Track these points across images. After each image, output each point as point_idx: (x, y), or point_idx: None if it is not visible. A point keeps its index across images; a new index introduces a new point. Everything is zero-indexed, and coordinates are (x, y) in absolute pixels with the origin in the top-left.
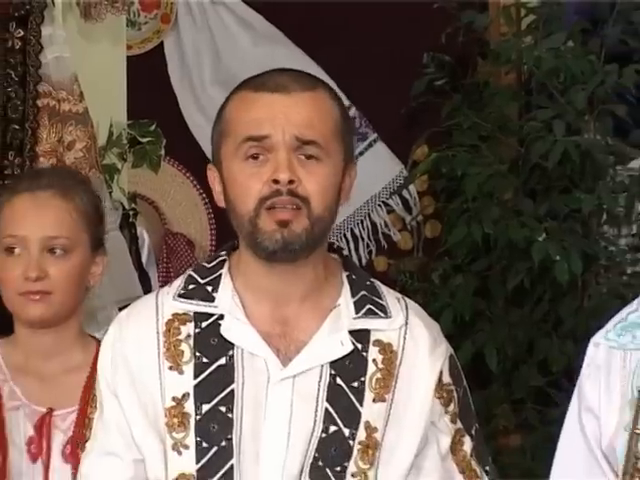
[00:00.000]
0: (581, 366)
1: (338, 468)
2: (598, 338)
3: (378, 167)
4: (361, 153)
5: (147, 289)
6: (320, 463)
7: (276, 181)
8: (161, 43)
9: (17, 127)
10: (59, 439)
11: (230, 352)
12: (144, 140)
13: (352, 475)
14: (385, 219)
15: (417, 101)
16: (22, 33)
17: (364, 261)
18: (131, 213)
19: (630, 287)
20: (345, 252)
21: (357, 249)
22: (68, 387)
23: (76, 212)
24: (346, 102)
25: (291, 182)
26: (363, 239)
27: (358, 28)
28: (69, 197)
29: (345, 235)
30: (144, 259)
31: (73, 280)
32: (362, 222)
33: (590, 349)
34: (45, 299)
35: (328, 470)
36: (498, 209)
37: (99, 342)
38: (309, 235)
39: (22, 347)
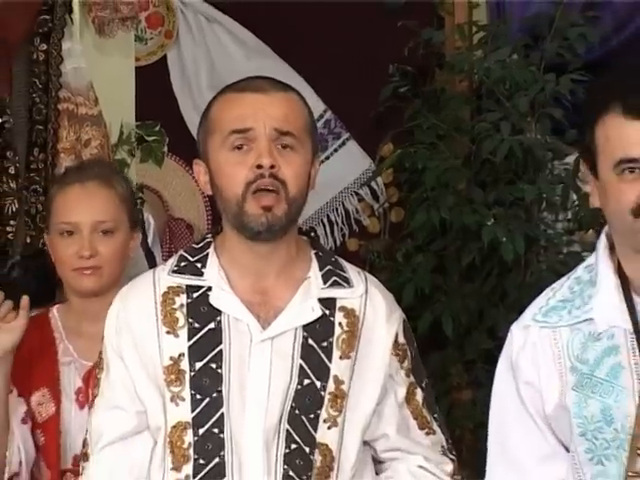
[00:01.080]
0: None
1: (312, 415)
2: (527, 321)
3: (350, 162)
4: (335, 150)
5: (152, 266)
6: (297, 411)
7: (260, 166)
8: (164, 56)
9: (41, 127)
10: None
11: (218, 318)
12: (150, 139)
13: (324, 421)
14: (356, 206)
15: (384, 105)
16: (45, 47)
17: (338, 243)
18: (139, 201)
19: (565, 264)
20: (321, 235)
21: (332, 232)
22: None
23: (118, 198)
24: (323, 106)
25: (272, 167)
26: (337, 224)
27: (333, 44)
28: (112, 186)
29: (322, 220)
30: (150, 240)
31: (119, 255)
32: (337, 209)
33: (519, 333)
34: (96, 273)
35: (304, 417)
36: (453, 198)
37: None
38: (288, 217)
39: (75, 312)
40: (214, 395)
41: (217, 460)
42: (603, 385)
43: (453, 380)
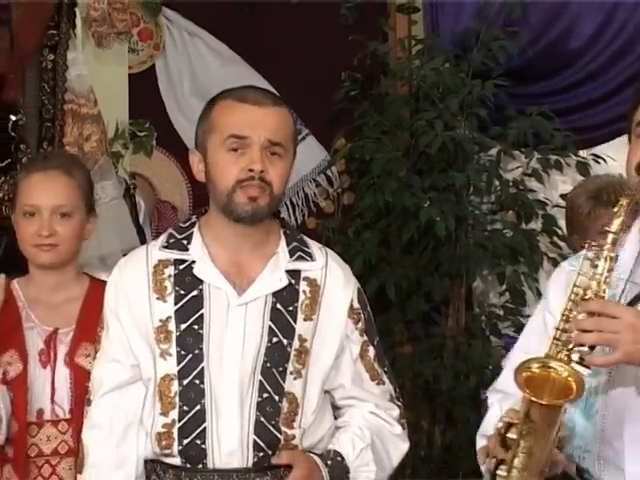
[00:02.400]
0: (448, 298)
1: (281, 368)
2: (564, 264)
3: (309, 154)
4: (297, 144)
5: (143, 241)
6: (268, 365)
7: (251, 170)
8: (153, 65)
9: (49, 125)
10: (62, 350)
11: (200, 287)
12: (141, 134)
13: (290, 373)
14: (314, 191)
15: (337, 106)
16: (53, 57)
17: (299, 221)
18: (131, 187)
19: (490, 240)
20: (285, 215)
21: (294, 213)
22: (68, 312)
23: (76, 186)
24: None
25: (262, 172)
26: (298, 205)
27: (295, 54)
28: (71, 175)
29: (285, 203)
30: (141, 220)
31: (74, 235)
32: (298, 193)
33: (558, 269)
34: (53, 249)
35: (274, 370)
36: (395, 183)
37: (92, 278)
38: (269, 208)
39: (35, 283)
40: (196, 352)
41: (198, 407)
42: None
43: (396, 337)
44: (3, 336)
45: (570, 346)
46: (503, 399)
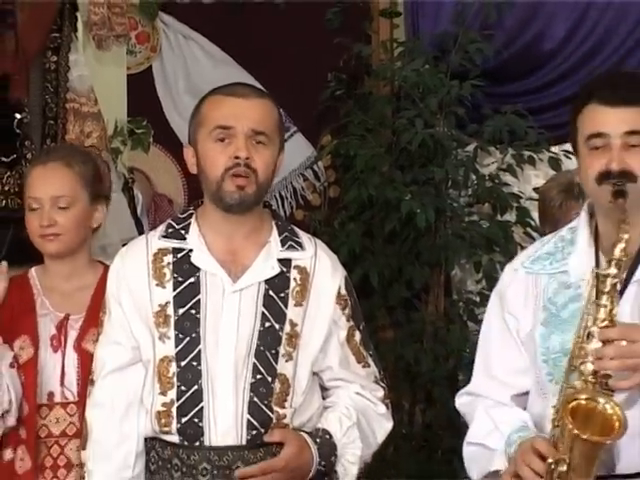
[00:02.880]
0: (428, 285)
1: (273, 351)
2: (516, 265)
3: (297, 150)
4: (285, 140)
5: (140, 232)
6: (261, 348)
7: (237, 157)
8: (150, 66)
9: (52, 122)
10: (72, 336)
11: (197, 274)
12: (139, 131)
13: (282, 355)
14: (302, 185)
15: (323, 105)
16: (55, 58)
17: (288, 213)
18: (130, 180)
19: (467, 230)
20: (275, 207)
21: (283, 205)
22: (80, 300)
23: (76, 177)
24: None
25: (247, 158)
26: (287, 198)
27: (284, 56)
28: (70, 166)
29: (275, 196)
30: (139, 211)
31: (76, 224)
32: (287, 187)
33: (510, 273)
34: (57, 239)
35: (266, 352)
36: (378, 178)
37: (106, 266)
38: (256, 196)
39: (49, 272)
40: (193, 335)
41: (196, 388)
42: (565, 324)
43: (378, 322)
44: (16, 322)
45: (591, 377)
46: (487, 405)
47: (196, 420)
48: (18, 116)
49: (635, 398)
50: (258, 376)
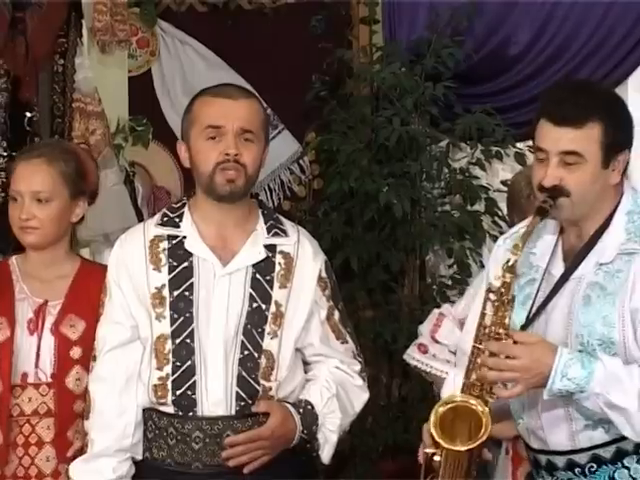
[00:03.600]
0: (404, 269)
1: (259, 329)
2: (500, 242)
3: (284, 145)
4: (274, 137)
5: (141, 221)
6: (249, 326)
7: (227, 154)
8: (150, 69)
9: (60, 120)
10: (50, 320)
11: (190, 259)
12: (139, 129)
13: (267, 333)
14: (289, 178)
15: (309, 104)
16: (63, 62)
17: (276, 204)
18: (131, 174)
19: (440, 219)
20: (264, 198)
21: (272, 196)
22: (59, 287)
23: (56, 173)
24: (264, 105)
25: (236, 155)
26: (275, 190)
27: (272, 59)
28: (51, 163)
29: (264, 188)
30: (139, 202)
31: (54, 219)
32: (275, 179)
33: (495, 247)
34: (35, 232)
35: (254, 330)
36: (358, 171)
37: (83, 260)
38: (245, 187)
39: (29, 260)
40: (187, 315)
41: (189, 363)
42: (517, 305)
43: (359, 303)
44: None
45: (479, 382)
46: (461, 365)
47: (189, 392)
48: (28, 114)
49: None
50: (246, 352)
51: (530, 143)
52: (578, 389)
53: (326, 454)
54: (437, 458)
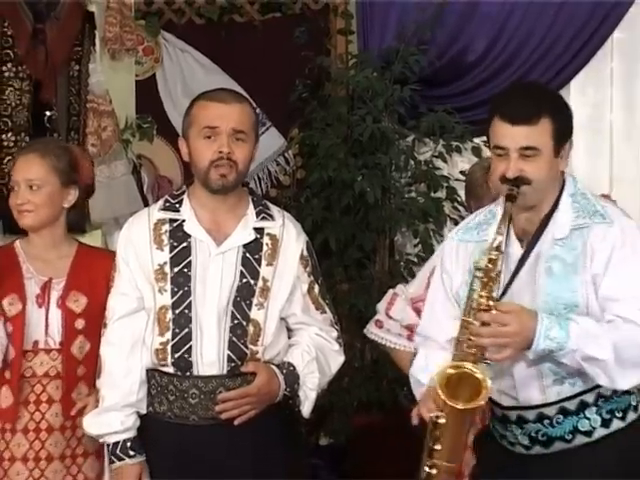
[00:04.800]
0: (376, 248)
1: (248, 301)
2: (452, 235)
3: (271, 140)
4: (262, 133)
5: (147, 206)
6: (238, 298)
7: (221, 152)
8: (154, 73)
9: (75, 119)
10: (55, 295)
11: (189, 240)
12: (145, 126)
13: (255, 305)
14: (275, 168)
15: (292, 105)
16: (78, 67)
17: (264, 191)
18: (138, 165)
19: (407, 205)
20: (253, 186)
21: (260, 185)
22: (60, 266)
23: (47, 164)
24: (253, 105)
25: (229, 153)
26: (263, 179)
27: (261, 65)
28: (44, 156)
29: (254, 177)
30: (145, 189)
31: (45, 204)
32: (263, 170)
33: (448, 240)
34: (30, 214)
35: (243, 302)
36: (336, 163)
37: (80, 243)
38: (236, 181)
39: (32, 243)
40: (185, 289)
41: (187, 330)
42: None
43: (336, 278)
44: (4, 283)
45: (473, 350)
46: (428, 346)
47: (187, 355)
48: (48, 113)
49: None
50: (236, 321)
51: (485, 138)
52: (558, 347)
53: (306, 409)
54: (442, 421)
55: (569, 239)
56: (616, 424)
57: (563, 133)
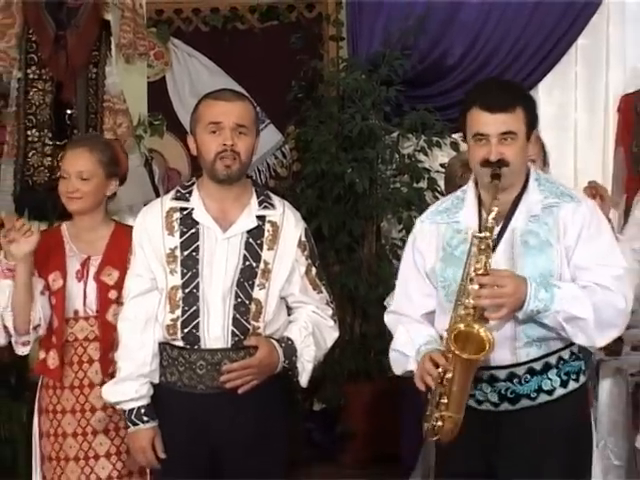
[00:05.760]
0: (364, 233)
1: (250, 282)
2: (423, 218)
3: (269, 136)
4: (262, 129)
5: (157, 196)
6: (241, 280)
7: (225, 144)
8: (164, 76)
9: (93, 116)
10: (92, 271)
11: (197, 226)
12: (155, 123)
13: (257, 285)
14: (274, 162)
15: (289, 104)
16: (95, 70)
17: (263, 182)
18: (149, 158)
19: (392, 194)
20: (254, 177)
21: (260, 176)
22: (98, 246)
23: (94, 158)
24: (254, 103)
25: (233, 145)
26: (263, 171)
27: (260, 68)
28: (91, 150)
29: (254, 169)
30: (156, 181)
31: (93, 192)
32: (262, 163)
33: (419, 224)
34: (78, 201)
35: (246, 283)
36: (328, 156)
37: (117, 223)
38: (240, 171)
39: (75, 225)
40: (194, 270)
41: (195, 308)
42: (457, 260)
43: (328, 260)
44: (50, 261)
45: (471, 310)
46: (404, 322)
47: (195, 331)
48: (68, 112)
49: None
50: (239, 300)
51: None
52: (545, 308)
53: (304, 379)
54: (449, 375)
55: (541, 216)
56: (572, 385)
57: (533, 121)
